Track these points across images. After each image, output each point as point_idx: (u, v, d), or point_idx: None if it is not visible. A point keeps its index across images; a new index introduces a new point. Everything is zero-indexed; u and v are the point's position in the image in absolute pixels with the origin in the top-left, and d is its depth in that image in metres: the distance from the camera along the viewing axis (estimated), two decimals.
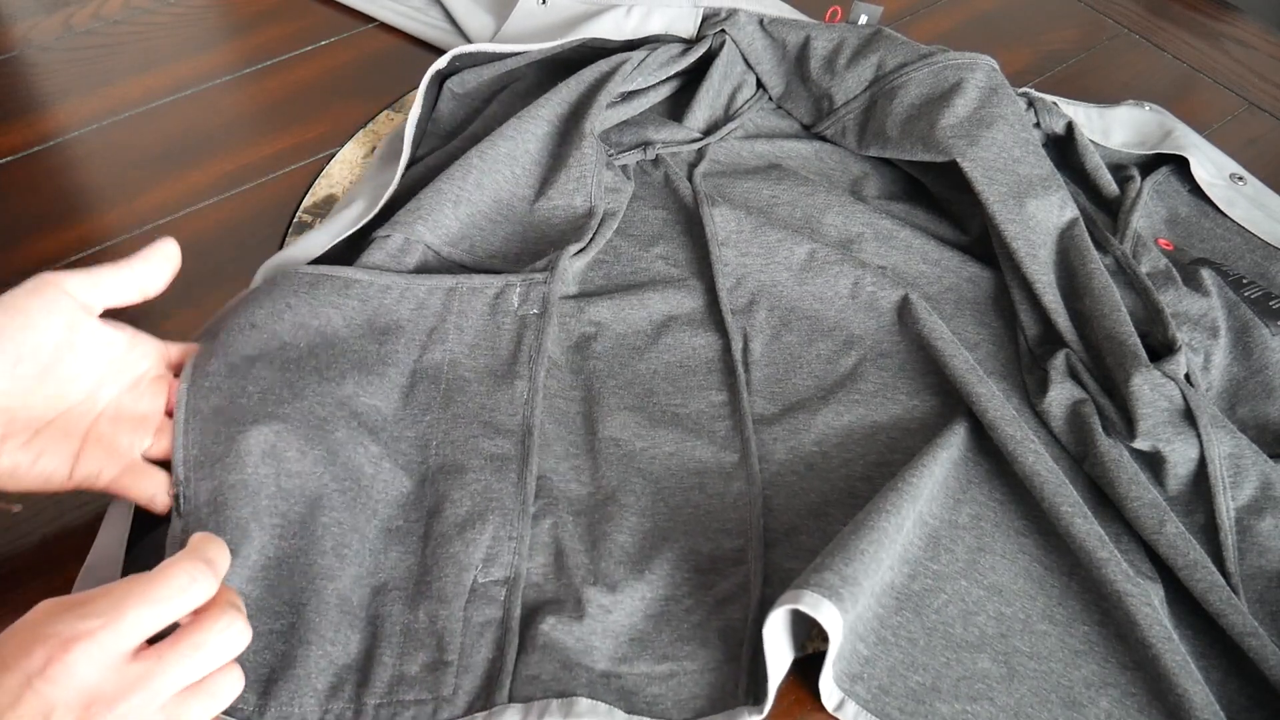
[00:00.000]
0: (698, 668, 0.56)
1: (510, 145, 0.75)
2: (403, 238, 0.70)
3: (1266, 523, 0.62)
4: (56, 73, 0.88)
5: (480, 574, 0.57)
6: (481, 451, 0.62)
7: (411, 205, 0.71)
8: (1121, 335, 0.67)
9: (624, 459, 0.64)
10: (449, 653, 0.55)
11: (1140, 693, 0.56)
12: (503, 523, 0.59)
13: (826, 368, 0.70)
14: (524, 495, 0.60)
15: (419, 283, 0.68)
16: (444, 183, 0.72)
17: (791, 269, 0.74)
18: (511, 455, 0.62)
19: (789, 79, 0.87)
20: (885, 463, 0.65)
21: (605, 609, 0.57)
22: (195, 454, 0.58)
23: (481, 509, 0.60)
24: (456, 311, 0.67)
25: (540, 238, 0.74)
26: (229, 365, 0.61)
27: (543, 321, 0.67)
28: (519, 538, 0.59)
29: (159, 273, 0.59)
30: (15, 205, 0.78)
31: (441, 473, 0.61)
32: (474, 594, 0.57)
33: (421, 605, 0.56)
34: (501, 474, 0.61)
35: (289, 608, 0.55)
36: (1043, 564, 0.61)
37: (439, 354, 0.66)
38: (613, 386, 0.67)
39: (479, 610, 0.56)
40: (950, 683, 0.55)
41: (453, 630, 0.56)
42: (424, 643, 0.55)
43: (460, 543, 0.58)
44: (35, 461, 0.54)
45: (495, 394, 0.65)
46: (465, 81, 0.84)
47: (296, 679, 0.53)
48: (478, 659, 0.55)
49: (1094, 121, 0.87)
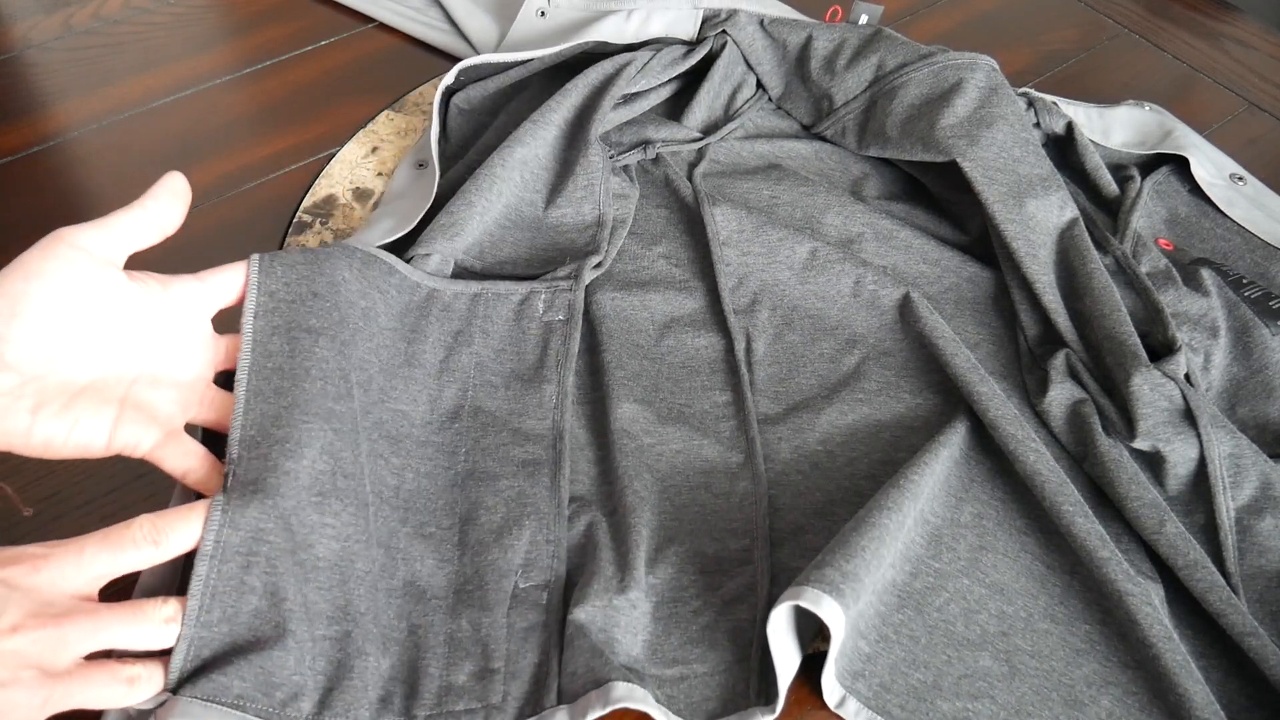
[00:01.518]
0: (708, 670, 0.56)
1: (525, 151, 0.75)
2: (439, 258, 0.69)
3: (1266, 523, 0.62)
4: (56, 73, 0.88)
5: (521, 579, 0.58)
6: (513, 459, 0.62)
7: (444, 221, 0.70)
8: (1121, 335, 0.67)
9: (636, 452, 0.64)
10: (495, 660, 0.55)
11: (1141, 692, 0.56)
12: (539, 527, 0.59)
13: (829, 367, 0.70)
14: (558, 499, 0.60)
15: (446, 286, 0.67)
16: (474, 195, 0.71)
17: (793, 268, 0.74)
18: (543, 460, 0.62)
19: (789, 79, 0.87)
20: (889, 461, 0.65)
21: (631, 604, 0.57)
22: (253, 434, 0.54)
23: (517, 514, 0.60)
24: (482, 316, 0.67)
25: (549, 245, 0.74)
26: (291, 340, 0.57)
27: (569, 328, 0.67)
28: (556, 541, 0.59)
29: (172, 207, 0.56)
30: (15, 205, 0.78)
31: (472, 478, 0.61)
32: (516, 600, 0.57)
33: (464, 614, 0.56)
34: (534, 479, 0.61)
35: (343, 614, 0.53)
36: (1044, 563, 0.61)
37: (465, 357, 0.66)
38: (620, 378, 0.67)
39: (522, 616, 0.56)
40: (951, 680, 0.55)
41: (497, 637, 0.55)
42: (469, 651, 0.55)
43: (498, 549, 0.58)
44: (71, 431, 0.51)
45: (523, 398, 0.65)
46: (470, 97, 0.84)
47: (354, 689, 0.51)
48: (524, 664, 0.55)
49: (1094, 121, 0.87)
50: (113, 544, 0.48)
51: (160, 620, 0.48)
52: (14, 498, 0.61)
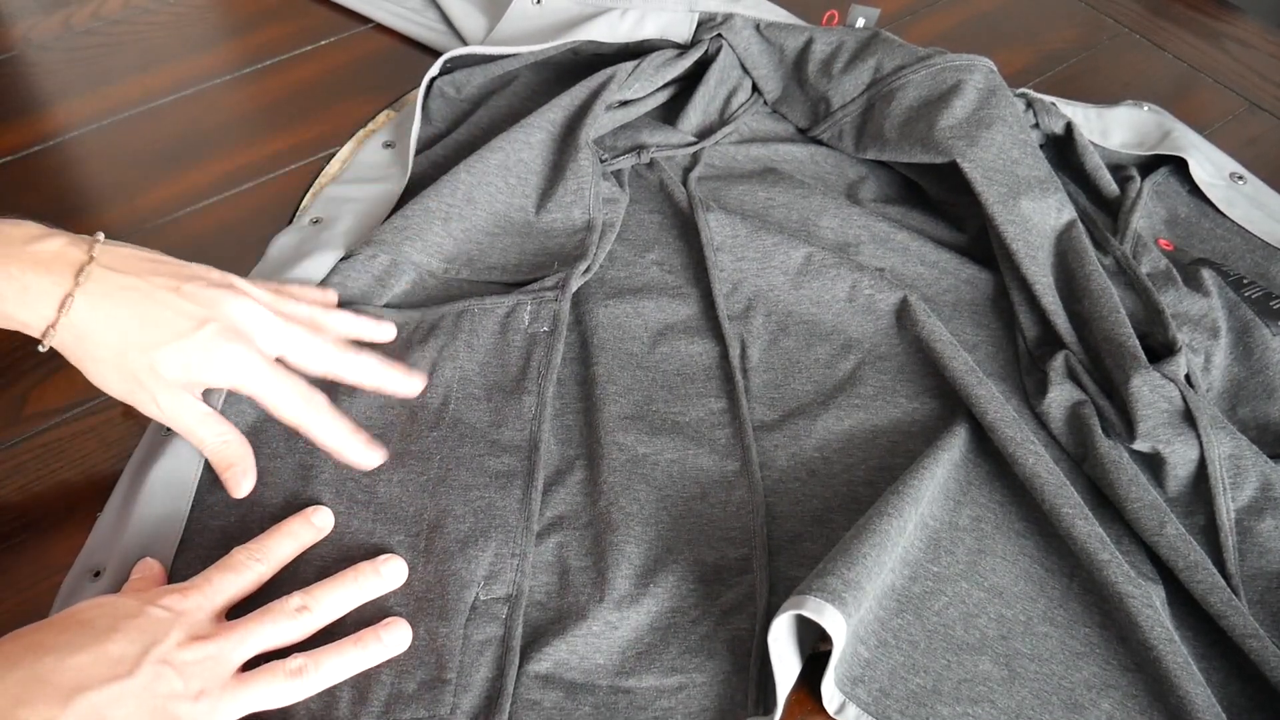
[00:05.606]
0: (706, 679, 0.55)
1: (502, 157, 0.75)
2: (389, 259, 0.70)
3: (1267, 524, 0.62)
4: (56, 73, 0.88)
5: (482, 591, 0.57)
6: (487, 469, 0.62)
7: (398, 223, 0.71)
8: (1120, 337, 0.67)
9: (628, 465, 0.63)
10: (448, 671, 0.54)
11: (1141, 695, 0.56)
12: (505, 539, 0.59)
13: (825, 372, 0.70)
14: (528, 512, 0.60)
15: (432, 313, 0.68)
16: (431, 200, 0.72)
17: (788, 273, 0.73)
18: (517, 471, 0.62)
19: (786, 83, 0.87)
20: (887, 467, 0.64)
21: (612, 625, 0.57)
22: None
23: (484, 525, 0.59)
24: (468, 330, 0.67)
25: (539, 249, 0.73)
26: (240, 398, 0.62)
27: (553, 339, 0.67)
28: (522, 555, 0.58)
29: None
30: (15, 205, 0.77)
31: (444, 485, 0.61)
32: (475, 611, 0.56)
33: (421, 622, 0.56)
34: (506, 490, 0.61)
35: None
36: (1043, 566, 0.61)
37: (449, 370, 0.66)
38: (612, 393, 0.67)
39: (479, 628, 0.56)
40: (951, 685, 0.55)
41: (452, 648, 0.55)
42: (423, 660, 0.55)
43: (462, 559, 0.58)
44: None
45: (503, 409, 0.64)
46: (457, 82, 0.84)
47: None
48: (477, 678, 0.54)
49: (1092, 122, 0.87)
50: (227, 568, 0.55)
51: (292, 611, 0.53)
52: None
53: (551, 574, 0.59)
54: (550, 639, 0.56)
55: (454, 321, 0.68)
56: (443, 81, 0.84)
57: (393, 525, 0.60)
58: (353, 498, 0.60)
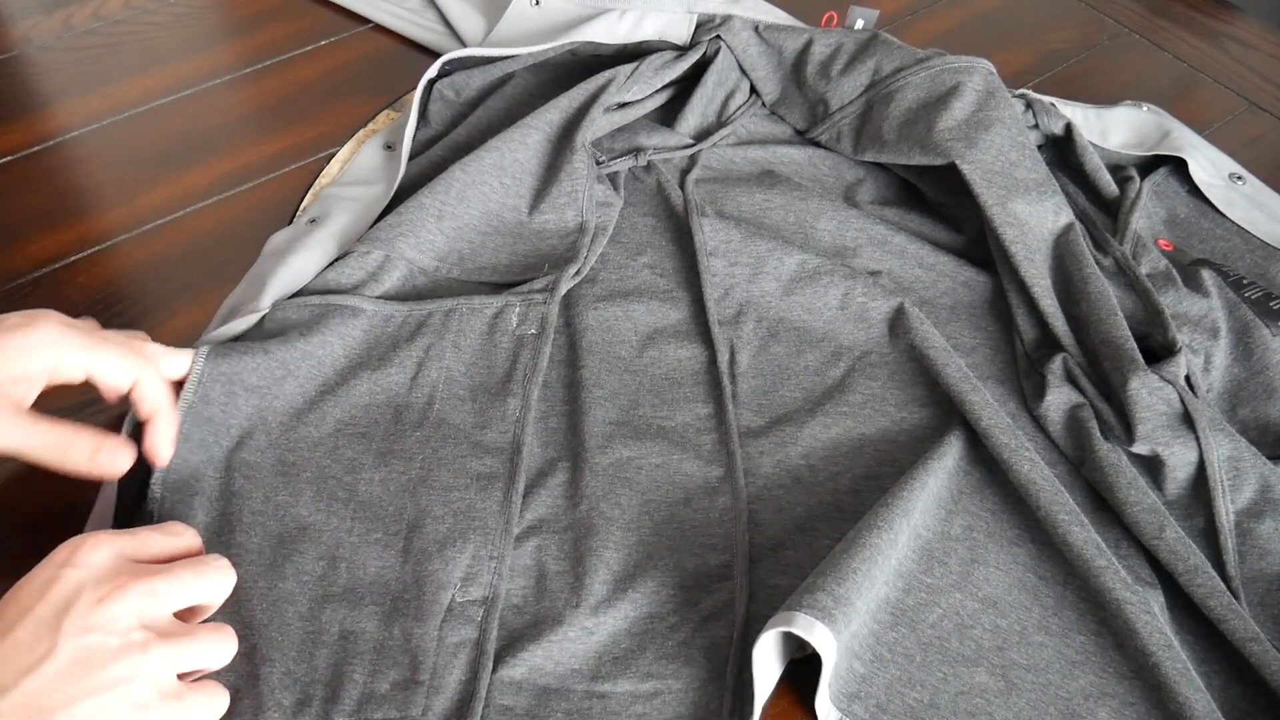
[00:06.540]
0: (682, 686, 0.55)
1: (497, 156, 0.75)
2: (383, 255, 0.70)
3: (1266, 525, 0.62)
4: (56, 73, 0.88)
5: (458, 593, 0.57)
6: (468, 471, 0.62)
7: (392, 220, 0.71)
8: (1118, 340, 0.67)
9: (610, 469, 0.63)
10: (421, 672, 0.54)
11: (1139, 702, 0.55)
12: (484, 542, 0.59)
13: (814, 379, 0.69)
14: (508, 515, 0.60)
15: (420, 308, 0.68)
16: (425, 197, 0.72)
17: (780, 280, 0.73)
18: (499, 474, 0.62)
19: (784, 85, 0.87)
20: (872, 476, 0.64)
21: (588, 630, 0.57)
22: (175, 479, 0.60)
23: (463, 527, 0.59)
24: (455, 330, 0.67)
25: (531, 250, 0.73)
26: (228, 394, 0.62)
27: (540, 342, 0.67)
28: (499, 558, 0.58)
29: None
30: (15, 205, 0.78)
31: (424, 485, 0.61)
32: (450, 613, 0.56)
33: (397, 622, 0.56)
34: (486, 492, 0.61)
35: (249, 630, 0.55)
36: (1037, 574, 0.60)
37: (435, 371, 0.66)
38: (599, 397, 0.67)
39: (454, 630, 0.56)
40: (948, 698, 0.55)
41: (426, 649, 0.55)
42: (397, 660, 0.55)
43: (440, 560, 0.58)
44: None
45: (487, 411, 0.64)
46: (456, 85, 0.84)
47: (259, 695, 0.53)
48: (450, 680, 0.54)
49: (1092, 122, 0.87)
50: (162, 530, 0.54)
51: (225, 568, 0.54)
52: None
53: (529, 577, 0.59)
54: (525, 643, 0.56)
55: (442, 321, 0.68)
56: (442, 85, 0.84)
57: (371, 524, 0.60)
58: (333, 495, 0.60)
